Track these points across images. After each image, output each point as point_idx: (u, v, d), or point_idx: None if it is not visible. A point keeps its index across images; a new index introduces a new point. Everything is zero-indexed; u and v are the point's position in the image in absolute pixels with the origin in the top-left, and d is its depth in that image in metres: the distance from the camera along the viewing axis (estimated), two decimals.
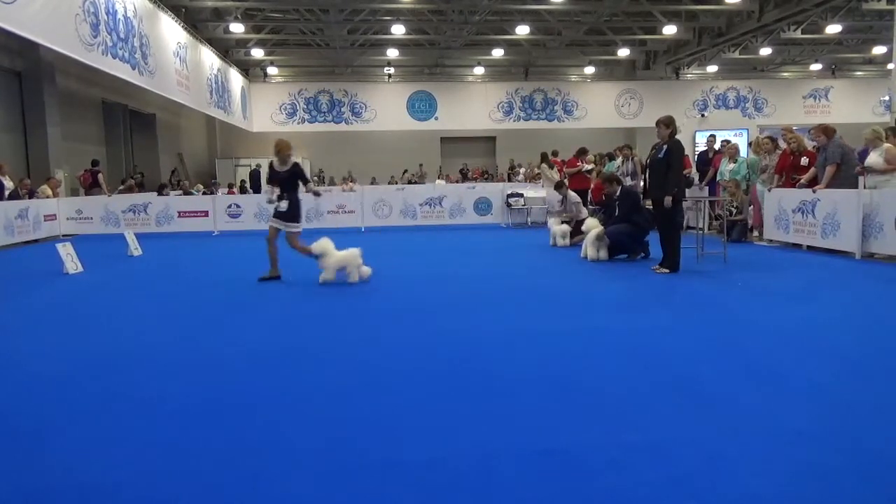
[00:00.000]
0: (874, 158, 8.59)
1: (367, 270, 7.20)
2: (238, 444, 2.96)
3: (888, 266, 7.89)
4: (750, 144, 12.01)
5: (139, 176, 17.51)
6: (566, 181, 12.31)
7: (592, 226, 8.95)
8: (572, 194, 11.37)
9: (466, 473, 2.62)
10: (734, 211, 10.68)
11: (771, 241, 10.25)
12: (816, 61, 28.48)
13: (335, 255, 7.05)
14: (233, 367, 4.15)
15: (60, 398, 3.65)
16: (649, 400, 3.41)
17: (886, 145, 8.60)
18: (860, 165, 8.68)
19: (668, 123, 7.41)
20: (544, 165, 15.75)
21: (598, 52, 26.54)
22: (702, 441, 2.88)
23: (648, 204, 7.99)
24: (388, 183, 26.29)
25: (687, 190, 11.65)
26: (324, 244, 7.02)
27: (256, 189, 21.83)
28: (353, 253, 7.11)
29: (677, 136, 7.57)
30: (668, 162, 7.26)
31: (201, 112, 22.24)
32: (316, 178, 27.19)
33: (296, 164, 7.44)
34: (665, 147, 7.35)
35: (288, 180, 7.31)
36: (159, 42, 16.20)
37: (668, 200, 7.21)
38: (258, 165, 24.64)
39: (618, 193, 8.90)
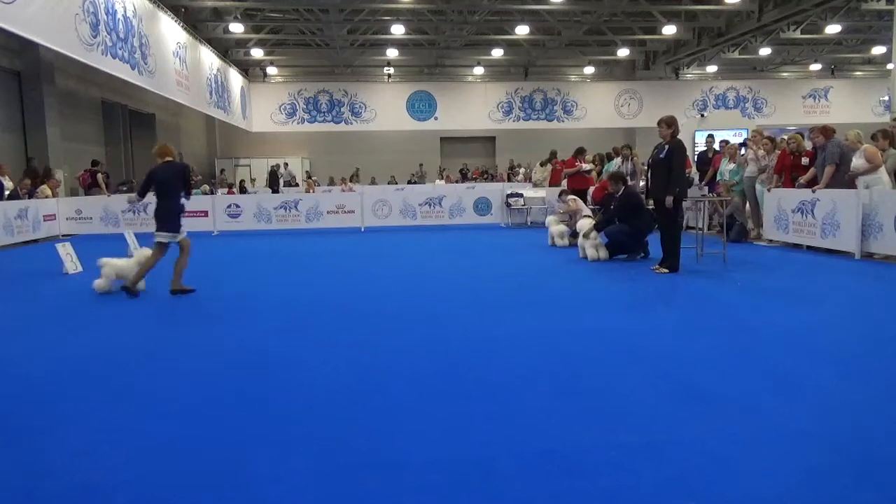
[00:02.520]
0: (857, 161, 8.79)
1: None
2: (238, 444, 2.96)
3: (888, 266, 7.89)
4: (742, 145, 11.96)
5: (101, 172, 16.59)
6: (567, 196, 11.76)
7: (585, 224, 8.96)
8: (572, 203, 10.88)
9: (466, 474, 2.62)
10: (721, 210, 10.65)
11: (771, 241, 10.25)
12: (816, 61, 28.47)
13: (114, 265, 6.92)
14: (233, 368, 4.14)
15: (60, 398, 3.65)
16: (649, 400, 3.41)
17: (865, 146, 8.87)
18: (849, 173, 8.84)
19: (669, 123, 7.40)
20: (538, 165, 15.72)
21: (597, 52, 26.53)
22: (702, 441, 2.88)
23: (650, 204, 7.98)
24: (388, 183, 26.30)
25: (688, 190, 11.54)
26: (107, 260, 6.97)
27: (275, 188, 21.76)
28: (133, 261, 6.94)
29: (678, 136, 7.57)
30: (670, 162, 7.25)
31: (201, 112, 22.23)
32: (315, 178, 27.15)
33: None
34: (667, 147, 7.34)
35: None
36: (159, 42, 16.18)
37: (668, 200, 7.21)
38: (277, 165, 24.60)
39: (619, 193, 8.84)
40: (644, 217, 8.55)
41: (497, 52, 25.36)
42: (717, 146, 12.67)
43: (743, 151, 11.38)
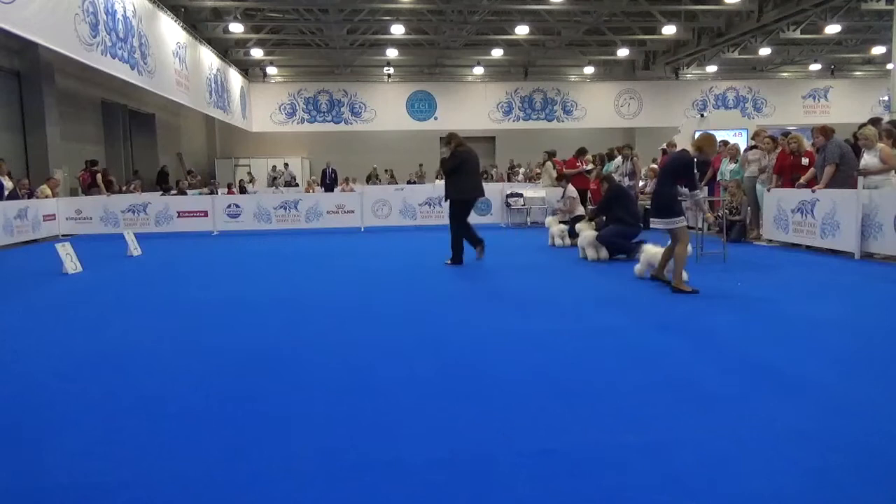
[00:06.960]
0: (869, 160, 8.62)
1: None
2: (238, 443, 2.96)
3: (887, 266, 7.89)
4: (752, 147, 11.93)
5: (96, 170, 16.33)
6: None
7: (584, 227, 8.99)
8: (571, 189, 11.56)
9: (466, 474, 2.62)
10: (733, 210, 10.69)
11: (770, 241, 10.25)
12: (816, 61, 28.48)
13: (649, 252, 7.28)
14: (233, 368, 4.14)
15: (60, 398, 3.64)
16: (649, 400, 3.41)
17: (880, 145, 8.64)
18: (857, 169, 8.72)
19: (448, 141, 8.61)
20: (548, 164, 15.75)
21: (597, 52, 26.54)
22: (702, 441, 2.88)
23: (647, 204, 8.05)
24: (388, 183, 26.30)
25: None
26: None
27: (330, 188, 21.58)
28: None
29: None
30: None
31: (200, 112, 22.24)
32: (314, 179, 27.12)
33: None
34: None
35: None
36: (158, 42, 16.18)
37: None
38: (328, 164, 24.35)
39: (606, 192, 9.10)
40: (631, 210, 8.74)
41: (497, 52, 25.36)
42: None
43: (747, 154, 11.34)
